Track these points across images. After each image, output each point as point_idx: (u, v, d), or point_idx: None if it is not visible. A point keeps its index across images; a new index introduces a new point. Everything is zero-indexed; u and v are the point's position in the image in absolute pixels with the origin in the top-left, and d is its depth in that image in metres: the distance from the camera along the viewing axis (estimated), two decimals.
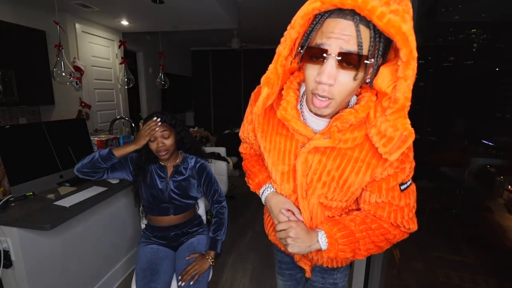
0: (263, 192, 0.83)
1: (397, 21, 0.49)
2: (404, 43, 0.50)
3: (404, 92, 0.55)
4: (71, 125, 1.88)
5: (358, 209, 0.77)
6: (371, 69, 0.57)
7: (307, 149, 0.67)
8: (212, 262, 1.32)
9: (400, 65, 0.54)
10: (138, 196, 1.45)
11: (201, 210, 1.64)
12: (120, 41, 3.46)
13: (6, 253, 1.31)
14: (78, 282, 1.62)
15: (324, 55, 0.55)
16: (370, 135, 0.62)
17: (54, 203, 1.45)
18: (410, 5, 0.51)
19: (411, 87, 0.55)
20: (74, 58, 3.13)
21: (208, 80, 6.59)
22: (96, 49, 3.51)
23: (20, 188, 1.48)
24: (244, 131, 0.87)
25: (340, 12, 0.53)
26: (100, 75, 3.60)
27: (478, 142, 1.13)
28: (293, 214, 0.75)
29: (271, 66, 0.65)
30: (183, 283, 1.22)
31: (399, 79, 0.54)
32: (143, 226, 1.58)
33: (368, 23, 0.52)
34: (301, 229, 0.71)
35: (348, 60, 0.54)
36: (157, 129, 1.29)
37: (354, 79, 0.56)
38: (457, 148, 1.27)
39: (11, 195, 1.46)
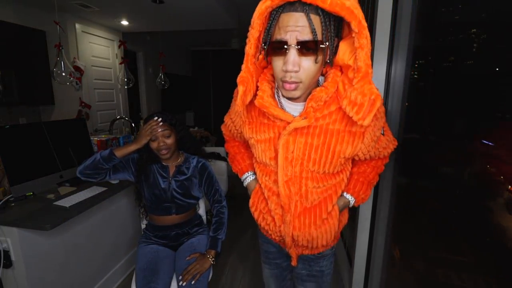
0: (245, 178, 0.99)
1: (340, 0, 0.55)
2: (351, 16, 0.57)
3: (364, 60, 0.62)
4: (71, 125, 1.88)
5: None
6: (329, 50, 0.63)
7: (288, 131, 0.73)
8: (213, 261, 1.33)
9: (354, 37, 0.60)
10: (140, 196, 1.45)
11: (202, 210, 1.65)
12: (120, 41, 3.47)
13: (6, 253, 1.31)
14: (78, 282, 1.62)
15: (285, 46, 0.61)
16: (343, 107, 0.68)
17: (54, 203, 1.45)
18: None
19: (369, 54, 0.62)
20: (74, 58, 3.13)
21: (208, 80, 6.59)
22: (96, 49, 3.51)
23: (20, 188, 1.48)
24: (231, 126, 0.97)
25: (290, 5, 0.59)
26: (100, 75, 3.60)
27: (478, 142, 1.13)
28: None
29: (243, 66, 0.71)
30: (184, 283, 1.22)
31: (357, 49, 0.61)
32: (143, 226, 1.58)
33: (317, 10, 0.58)
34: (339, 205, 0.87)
35: (306, 47, 0.60)
36: (159, 129, 1.30)
37: (316, 62, 0.63)
38: (457, 148, 1.27)
39: (11, 195, 1.46)
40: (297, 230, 0.83)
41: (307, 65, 0.63)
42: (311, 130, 0.73)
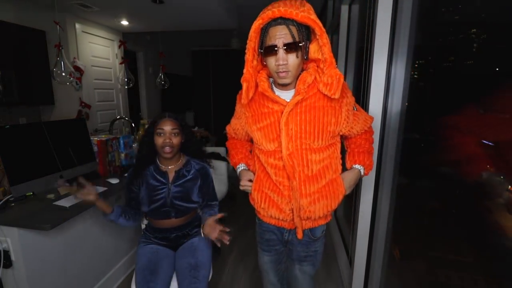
0: (238, 168, 1.20)
1: (306, 15, 0.85)
2: (314, 24, 0.86)
3: (327, 53, 0.90)
4: (71, 125, 1.88)
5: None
6: (304, 48, 0.91)
7: (288, 109, 0.96)
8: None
9: (318, 38, 0.89)
10: (131, 200, 1.42)
11: None
12: (120, 41, 3.47)
13: (6, 253, 1.31)
14: (78, 282, 1.62)
15: (276, 48, 0.89)
16: (320, 89, 0.95)
17: (54, 203, 1.45)
18: (309, 6, 0.88)
19: (330, 49, 0.90)
20: (74, 58, 3.13)
21: (208, 80, 6.58)
22: (96, 49, 3.51)
23: (20, 188, 1.48)
24: (236, 123, 1.18)
25: (274, 21, 0.87)
26: (100, 75, 3.60)
27: (478, 142, 1.13)
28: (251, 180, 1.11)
29: (244, 70, 0.98)
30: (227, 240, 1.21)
31: (321, 46, 0.90)
32: (143, 226, 1.58)
33: (292, 22, 0.87)
34: (348, 180, 1.06)
35: (290, 47, 0.88)
36: (169, 127, 1.31)
37: (297, 56, 0.90)
38: (456, 148, 1.26)
39: (11, 195, 1.46)
40: (303, 197, 1.00)
41: (292, 59, 0.90)
42: (303, 109, 0.96)
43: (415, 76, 1.43)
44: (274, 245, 1.17)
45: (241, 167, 1.19)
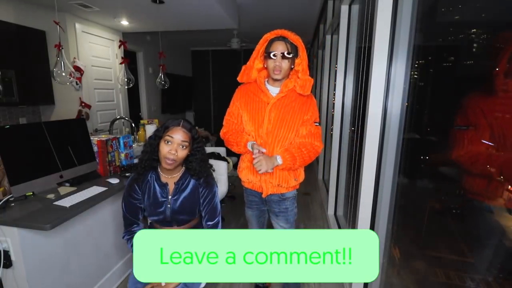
0: (249, 144, 1.40)
1: (296, 38, 1.31)
2: (300, 45, 1.33)
3: (304, 65, 1.36)
4: (71, 125, 1.88)
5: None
6: (293, 58, 1.33)
7: (273, 101, 1.36)
8: None
9: (300, 55, 1.34)
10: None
11: None
12: (120, 41, 3.46)
13: (6, 253, 1.31)
14: (78, 282, 1.62)
15: (275, 54, 1.30)
16: (298, 90, 1.36)
17: (54, 203, 1.45)
18: (299, 37, 1.32)
19: (307, 62, 1.37)
20: (74, 58, 3.13)
21: (208, 80, 6.59)
22: (96, 49, 3.51)
23: (20, 188, 1.48)
24: (234, 108, 1.47)
25: (277, 38, 1.31)
26: (100, 75, 3.60)
27: (478, 142, 1.13)
28: (260, 149, 1.35)
29: (248, 62, 1.42)
30: None
31: (302, 60, 1.35)
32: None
33: (288, 40, 1.30)
34: (265, 158, 1.31)
35: (284, 56, 1.29)
36: (179, 136, 1.22)
37: (288, 62, 1.31)
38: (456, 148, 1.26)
39: (11, 195, 1.46)
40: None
41: (284, 63, 1.31)
42: (282, 104, 1.37)
43: (415, 76, 1.43)
44: (256, 204, 1.56)
45: (251, 141, 1.42)
